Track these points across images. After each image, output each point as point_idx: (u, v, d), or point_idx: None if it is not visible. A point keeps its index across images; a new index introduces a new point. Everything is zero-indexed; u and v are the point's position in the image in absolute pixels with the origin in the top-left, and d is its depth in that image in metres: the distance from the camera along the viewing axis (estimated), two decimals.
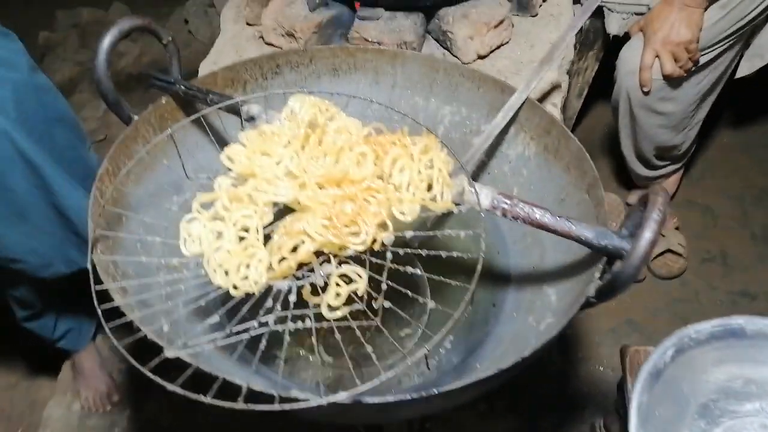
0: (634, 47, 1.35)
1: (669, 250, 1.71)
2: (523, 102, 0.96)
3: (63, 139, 1.07)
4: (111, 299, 0.64)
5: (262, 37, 1.25)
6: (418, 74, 1.05)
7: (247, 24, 1.31)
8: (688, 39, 1.27)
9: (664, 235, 1.72)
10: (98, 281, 0.65)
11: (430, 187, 0.73)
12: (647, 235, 0.60)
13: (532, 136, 0.97)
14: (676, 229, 1.74)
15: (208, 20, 2.99)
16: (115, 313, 0.62)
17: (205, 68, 1.23)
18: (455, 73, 1.02)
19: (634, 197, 1.82)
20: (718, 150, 2.02)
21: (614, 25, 1.49)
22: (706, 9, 1.28)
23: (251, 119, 0.86)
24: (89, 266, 0.65)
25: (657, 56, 1.31)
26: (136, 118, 0.89)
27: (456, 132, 1.07)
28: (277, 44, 1.23)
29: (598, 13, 1.51)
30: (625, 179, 1.82)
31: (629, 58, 1.36)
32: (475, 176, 1.04)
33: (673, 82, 1.35)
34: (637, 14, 1.48)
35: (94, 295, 0.62)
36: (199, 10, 3.02)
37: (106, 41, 0.81)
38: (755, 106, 2.09)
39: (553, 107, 1.14)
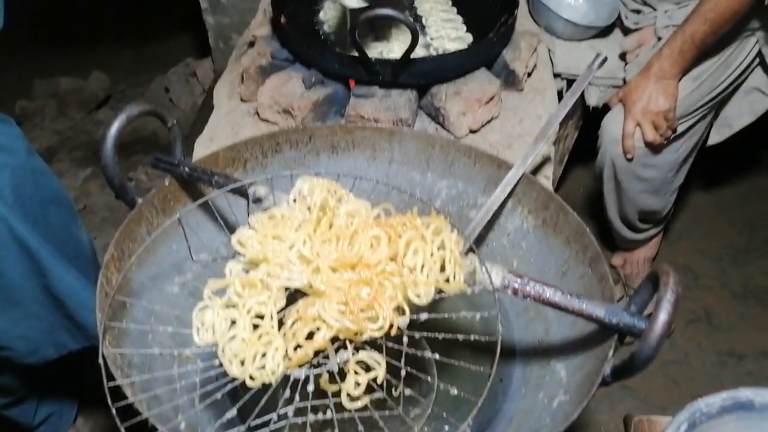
0: (616, 118, 1.41)
1: None
2: (521, 177, 0.98)
3: (57, 220, 1.06)
4: (119, 390, 0.62)
5: (257, 113, 1.27)
6: (415, 150, 1.07)
7: (242, 100, 1.33)
8: (666, 108, 1.34)
9: None
10: (110, 376, 0.63)
11: (442, 268, 0.74)
12: (663, 316, 0.61)
13: (530, 210, 0.99)
14: None
15: (190, 89, 3.02)
16: (123, 400, 0.60)
17: (201, 145, 1.24)
18: (451, 149, 1.05)
19: (617, 259, 1.86)
20: (694, 212, 2.10)
21: (593, 98, 1.56)
22: (679, 80, 1.36)
23: (258, 201, 0.86)
24: (101, 360, 0.63)
25: (638, 125, 1.37)
26: (140, 200, 0.88)
27: (453, 206, 1.09)
28: (272, 120, 1.26)
29: None
30: (607, 241, 1.87)
31: (612, 128, 1.42)
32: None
33: (654, 149, 1.42)
34: (613, 87, 1.56)
35: (107, 391, 0.60)
36: (180, 78, 3.05)
37: (114, 127, 0.81)
38: (724, 171, 2.19)
39: (546, 179, 1.18)
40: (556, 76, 1.52)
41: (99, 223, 2.33)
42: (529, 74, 1.37)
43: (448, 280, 0.73)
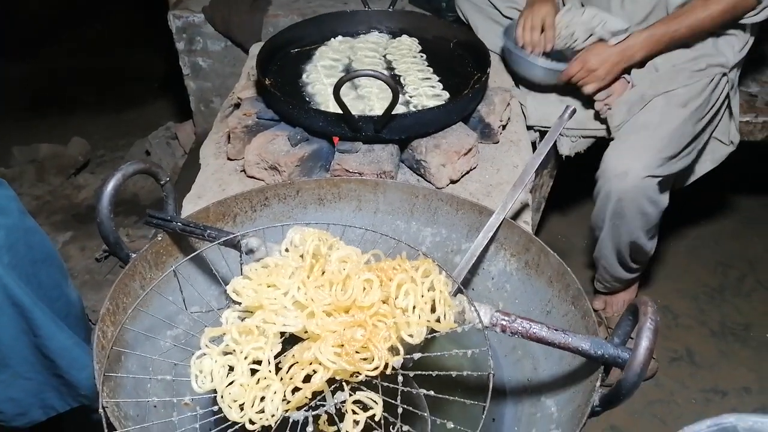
0: (619, 153, 1.48)
1: None
2: (501, 222, 1.03)
3: (48, 279, 1.07)
4: None
5: (244, 170, 1.32)
6: (399, 200, 1.12)
7: (229, 159, 1.38)
8: (605, 68, 1.50)
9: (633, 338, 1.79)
10: (110, 426, 0.63)
11: (432, 309, 0.76)
12: (644, 343, 0.65)
13: (512, 253, 1.03)
14: None
15: (171, 151, 3.07)
16: None
17: (189, 202, 1.27)
18: (434, 198, 1.10)
19: (599, 303, 1.90)
20: (669, 255, 2.16)
21: (565, 147, 1.65)
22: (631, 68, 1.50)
23: (250, 252, 0.89)
24: (101, 410, 0.64)
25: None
26: (133, 255, 0.90)
27: (438, 252, 1.13)
28: (259, 177, 1.30)
29: None
30: (586, 287, 1.91)
31: (615, 164, 1.48)
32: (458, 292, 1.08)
33: (662, 184, 1.50)
34: (584, 137, 1.64)
35: None
36: (161, 141, 3.10)
37: (110, 185, 0.84)
38: (695, 214, 2.28)
39: (526, 224, 1.23)
40: (529, 128, 1.60)
41: (79, 286, 2.31)
42: (504, 127, 1.45)
43: (438, 320, 0.76)
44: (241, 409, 0.67)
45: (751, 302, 1.99)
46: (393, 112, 1.20)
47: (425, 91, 1.39)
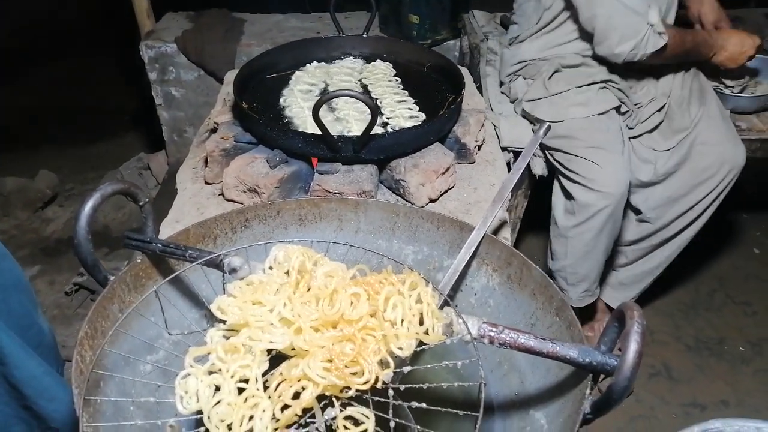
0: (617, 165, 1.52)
1: None
2: (483, 237, 1.04)
3: (19, 306, 1.03)
4: None
5: (222, 194, 1.30)
6: (380, 219, 1.12)
7: (206, 183, 1.36)
8: None
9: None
10: None
11: (420, 322, 0.76)
12: (633, 347, 0.65)
13: (494, 268, 1.04)
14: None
15: (143, 182, 3.02)
16: None
17: (167, 226, 1.25)
18: (414, 216, 1.10)
19: (586, 330, 1.92)
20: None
21: (538, 168, 1.68)
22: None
23: (233, 271, 0.88)
24: None
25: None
26: (112, 278, 0.88)
27: (421, 269, 1.12)
28: (238, 200, 1.29)
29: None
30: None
31: (615, 178, 1.52)
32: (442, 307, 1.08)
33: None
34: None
35: None
36: (133, 172, 3.06)
37: (88, 205, 0.83)
38: None
39: (506, 240, 1.24)
40: (503, 149, 1.63)
41: (49, 321, 2.24)
42: (479, 147, 1.47)
43: (427, 332, 0.75)
44: (229, 429, 0.65)
45: (722, 317, 2.03)
46: (372, 133, 1.21)
47: (402, 113, 1.41)
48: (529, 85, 1.67)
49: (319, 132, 1.19)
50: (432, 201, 1.30)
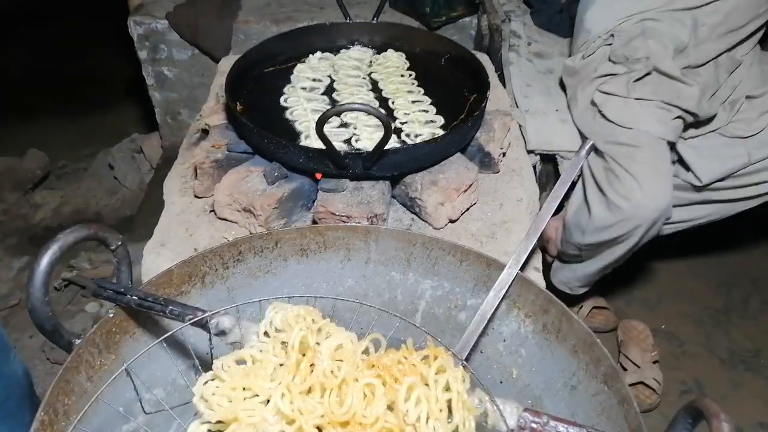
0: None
1: (641, 383, 1.67)
2: (514, 278, 0.89)
3: None
4: None
5: (213, 210, 1.15)
6: (394, 249, 0.97)
7: (196, 197, 1.21)
8: None
9: (639, 366, 1.68)
10: None
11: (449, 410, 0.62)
12: None
13: (527, 314, 0.90)
14: (655, 362, 1.70)
15: (136, 166, 2.86)
16: None
17: (150, 251, 1.10)
18: (434, 247, 0.95)
19: None
20: (670, 275, 2.05)
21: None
22: None
23: (222, 334, 0.74)
24: None
25: None
26: (77, 342, 0.74)
27: (440, 307, 0.99)
28: (231, 219, 1.14)
29: (551, 159, 1.53)
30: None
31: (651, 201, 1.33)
32: (467, 357, 0.94)
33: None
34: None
35: None
36: (126, 155, 2.89)
37: (44, 262, 0.68)
38: (696, 233, 2.17)
39: (536, 271, 1.09)
40: (530, 152, 1.47)
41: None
42: (504, 154, 1.31)
43: (457, 430, 0.62)
44: None
45: (758, 325, 1.89)
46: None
47: (417, 116, 1.24)
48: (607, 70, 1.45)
49: (323, 146, 1.03)
50: (452, 221, 1.14)
